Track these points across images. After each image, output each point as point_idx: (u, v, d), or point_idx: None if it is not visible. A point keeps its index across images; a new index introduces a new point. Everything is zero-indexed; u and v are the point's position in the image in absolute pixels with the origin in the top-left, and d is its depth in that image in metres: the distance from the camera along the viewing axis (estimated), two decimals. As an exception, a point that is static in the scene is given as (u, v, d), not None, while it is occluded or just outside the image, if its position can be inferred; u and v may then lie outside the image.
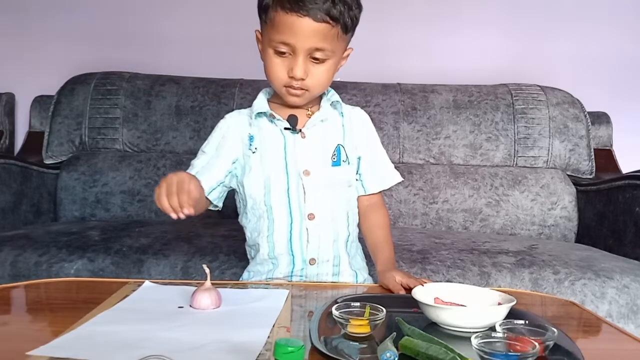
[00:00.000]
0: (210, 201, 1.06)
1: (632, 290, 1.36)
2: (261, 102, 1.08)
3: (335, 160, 1.06)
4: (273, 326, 0.71)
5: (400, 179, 1.15)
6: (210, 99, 2.03)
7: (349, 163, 1.08)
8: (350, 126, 1.10)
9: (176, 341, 0.65)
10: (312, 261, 1.04)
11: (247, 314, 0.76)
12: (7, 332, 0.72)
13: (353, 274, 1.09)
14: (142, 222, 1.76)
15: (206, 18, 2.30)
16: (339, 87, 2.07)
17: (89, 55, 2.28)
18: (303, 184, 1.03)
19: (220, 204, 1.08)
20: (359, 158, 1.11)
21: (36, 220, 1.91)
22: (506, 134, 2.02)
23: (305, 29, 0.94)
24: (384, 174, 1.13)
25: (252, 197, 1.05)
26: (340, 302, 0.74)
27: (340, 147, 1.07)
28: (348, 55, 1.06)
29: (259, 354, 0.61)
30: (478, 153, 2.02)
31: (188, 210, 0.79)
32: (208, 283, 0.81)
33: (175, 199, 0.79)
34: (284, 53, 0.97)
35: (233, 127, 1.09)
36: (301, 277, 1.04)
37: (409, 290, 0.89)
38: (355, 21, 1.00)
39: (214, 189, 1.05)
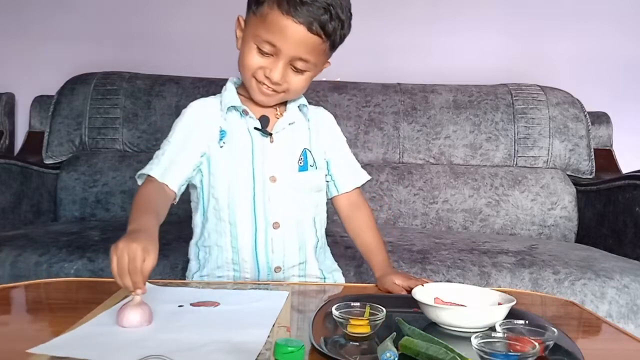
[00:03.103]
0: (175, 195, 0.99)
1: (632, 290, 1.36)
2: (232, 94, 1.03)
3: (302, 164, 1.03)
4: (273, 326, 0.71)
5: (368, 177, 1.12)
6: (210, 99, 2.03)
7: (316, 167, 1.04)
8: (316, 129, 1.07)
9: (176, 341, 0.64)
10: (278, 269, 1.02)
11: (247, 314, 0.76)
12: (7, 332, 0.71)
13: (321, 278, 1.06)
14: (142, 222, 1.75)
15: (206, 18, 2.30)
16: (339, 87, 2.08)
17: (89, 55, 2.28)
18: (269, 190, 1.00)
19: (177, 199, 1.00)
20: (328, 161, 1.08)
21: (36, 220, 1.91)
22: (506, 134, 2.02)
23: (296, 36, 0.90)
24: (355, 172, 1.11)
25: (215, 197, 1.01)
26: (340, 302, 0.74)
27: (307, 151, 1.04)
28: (325, 68, 1.03)
29: (259, 354, 0.61)
30: (478, 153, 2.02)
31: (141, 291, 0.73)
32: (138, 298, 0.73)
33: (127, 280, 0.72)
34: (266, 52, 0.93)
35: (202, 117, 1.03)
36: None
37: (410, 292, 0.89)
38: (342, 40, 0.97)
39: (182, 185, 0.99)
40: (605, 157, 2.12)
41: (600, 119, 2.16)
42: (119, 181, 1.97)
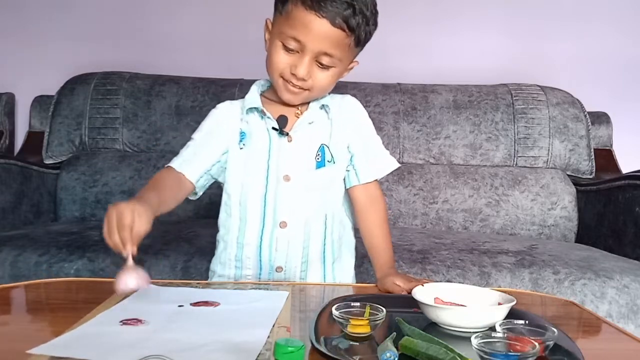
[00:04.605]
0: (194, 187, 1.03)
1: (632, 290, 1.36)
2: (254, 96, 1.05)
3: (319, 160, 1.03)
4: (273, 326, 0.71)
5: (396, 165, 1.09)
6: (210, 99, 2.03)
7: (334, 162, 1.04)
8: (338, 122, 1.05)
9: (176, 341, 0.64)
10: (279, 269, 1.02)
11: (247, 314, 0.76)
12: (7, 332, 0.71)
13: (321, 280, 1.06)
14: (142, 222, 1.75)
15: (206, 18, 2.30)
16: (339, 87, 2.07)
17: (89, 55, 2.28)
18: (281, 190, 1.01)
19: (200, 193, 1.05)
20: (353, 155, 1.07)
21: (36, 220, 1.91)
22: (506, 134, 2.02)
23: (320, 31, 0.92)
24: (378, 162, 1.08)
25: (227, 192, 1.04)
26: (340, 302, 0.74)
27: (324, 147, 1.04)
28: (352, 68, 1.04)
29: (259, 354, 0.61)
30: (478, 153, 2.02)
31: (129, 247, 0.74)
32: (130, 262, 0.75)
33: (116, 237, 0.75)
34: (292, 49, 0.94)
35: (225, 117, 1.06)
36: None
37: (410, 294, 0.89)
38: (368, 37, 0.99)
39: (201, 177, 1.03)
40: (605, 157, 2.12)
41: (600, 119, 2.16)
42: (119, 181, 1.97)
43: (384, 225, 1.07)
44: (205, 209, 1.95)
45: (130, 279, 0.72)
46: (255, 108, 1.04)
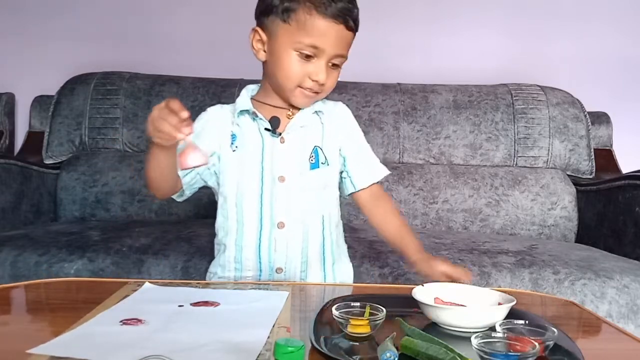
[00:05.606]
0: (181, 185, 1.03)
1: (632, 290, 1.36)
2: (244, 99, 1.05)
3: (313, 162, 1.04)
4: (273, 326, 0.71)
5: (387, 171, 1.12)
6: (210, 99, 2.03)
7: (328, 164, 1.05)
8: (330, 125, 1.07)
9: (176, 341, 0.64)
10: (279, 270, 1.03)
11: (247, 314, 0.76)
12: (7, 332, 0.71)
13: (321, 280, 1.06)
14: (142, 222, 1.76)
15: (206, 18, 2.30)
16: (339, 87, 2.07)
17: (89, 55, 2.28)
18: (277, 190, 1.02)
19: (187, 194, 1.05)
20: (345, 157, 1.08)
21: (36, 220, 1.91)
22: (506, 134, 2.02)
23: (338, 36, 0.95)
24: (372, 167, 1.11)
25: (223, 195, 1.04)
26: (340, 302, 0.74)
27: (318, 148, 1.05)
28: None
29: (259, 354, 0.61)
30: (478, 153, 2.02)
31: (185, 117, 0.79)
32: (190, 139, 0.79)
33: (173, 118, 0.80)
34: (308, 56, 0.96)
35: (214, 121, 1.06)
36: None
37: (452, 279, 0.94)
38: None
39: (187, 174, 1.02)
40: (605, 157, 2.12)
41: (600, 119, 2.16)
42: (119, 181, 1.97)
43: (397, 213, 1.11)
44: (205, 209, 1.95)
45: (196, 155, 0.75)
46: (246, 110, 1.04)
